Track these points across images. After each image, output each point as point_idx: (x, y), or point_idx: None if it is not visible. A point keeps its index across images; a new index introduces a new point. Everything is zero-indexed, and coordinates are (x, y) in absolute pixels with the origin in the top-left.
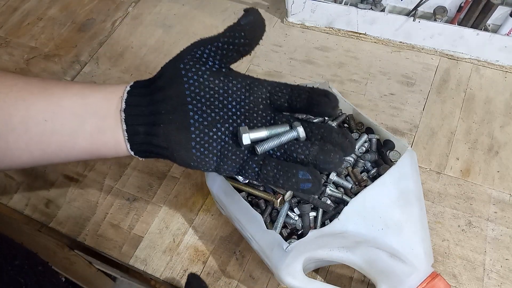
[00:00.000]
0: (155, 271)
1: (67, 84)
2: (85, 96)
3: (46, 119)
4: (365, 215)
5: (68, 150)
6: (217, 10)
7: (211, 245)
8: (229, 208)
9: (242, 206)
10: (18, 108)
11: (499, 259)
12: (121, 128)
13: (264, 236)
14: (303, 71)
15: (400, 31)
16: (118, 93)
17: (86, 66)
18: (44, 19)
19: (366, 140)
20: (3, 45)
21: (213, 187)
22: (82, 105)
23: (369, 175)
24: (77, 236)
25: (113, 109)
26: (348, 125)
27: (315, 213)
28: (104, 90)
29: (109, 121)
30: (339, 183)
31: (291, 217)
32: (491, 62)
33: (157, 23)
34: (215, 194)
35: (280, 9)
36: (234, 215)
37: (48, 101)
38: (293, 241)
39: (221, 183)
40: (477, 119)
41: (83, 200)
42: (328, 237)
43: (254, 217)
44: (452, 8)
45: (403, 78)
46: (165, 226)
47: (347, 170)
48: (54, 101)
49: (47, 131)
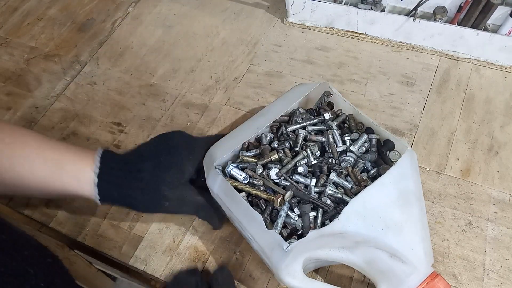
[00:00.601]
0: (155, 271)
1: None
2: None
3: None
4: (365, 215)
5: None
6: (217, 10)
7: (211, 245)
8: (229, 208)
9: (242, 206)
10: None
11: (499, 259)
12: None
13: (264, 236)
14: (303, 71)
15: (400, 31)
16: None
17: (86, 66)
18: (44, 19)
19: (366, 140)
20: (3, 45)
21: (214, 187)
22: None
23: (369, 175)
24: (77, 236)
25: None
26: (348, 125)
27: (315, 213)
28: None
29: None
30: (339, 183)
31: (291, 217)
32: (491, 62)
33: (157, 23)
34: (216, 193)
35: (280, 9)
36: (234, 215)
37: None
38: (293, 241)
39: (222, 183)
40: (477, 119)
41: (83, 200)
42: (328, 237)
43: (254, 217)
44: (452, 8)
45: (403, 78)
46: (165, 226)
47: (347, 170)
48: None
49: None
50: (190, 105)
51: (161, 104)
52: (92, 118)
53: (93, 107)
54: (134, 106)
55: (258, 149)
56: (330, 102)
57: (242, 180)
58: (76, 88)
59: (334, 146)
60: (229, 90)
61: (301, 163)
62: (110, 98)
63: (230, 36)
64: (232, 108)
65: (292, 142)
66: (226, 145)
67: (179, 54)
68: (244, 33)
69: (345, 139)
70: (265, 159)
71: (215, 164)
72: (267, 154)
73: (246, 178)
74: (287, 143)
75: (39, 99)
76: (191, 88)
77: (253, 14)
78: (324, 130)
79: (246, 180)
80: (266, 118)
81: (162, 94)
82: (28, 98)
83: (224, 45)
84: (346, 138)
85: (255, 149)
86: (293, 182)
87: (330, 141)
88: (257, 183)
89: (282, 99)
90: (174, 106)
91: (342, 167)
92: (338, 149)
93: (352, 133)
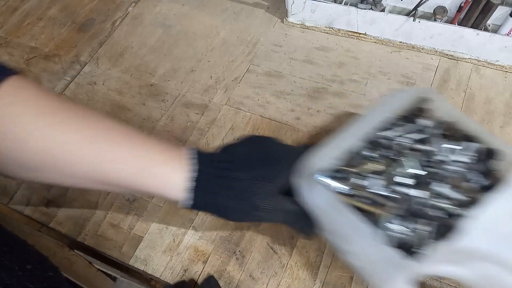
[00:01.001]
0: (155, 271)
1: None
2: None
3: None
4: (490, 230)
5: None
6: (217, 10)
7: (211, 245)
8: (332, 221)
9: (350, 220)
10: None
11: None
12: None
13: (375, 252)
14: (303, 71)
15: (400, 31)
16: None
17: (86, 66)
18: (44, 19)
19: (472, 149)
20: (3, 45)
21: (313, 199)
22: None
23: (480, 186)
24: (77, 236)
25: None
26: (451, 133)
27: (428, 226)
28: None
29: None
30: (448, 195)
31: (403, 232)
32: (491, 62)
33: (157, 23)
34: (315, 206)
35: (280, 9)
36: (338, 230)
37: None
38: (408, 258)
39: (323, 195)
40: (477, 119)
41: (83, 200)
42: (446, 252)
43: (364, 231)
44: (452, 8)
45: (403, 78)
46: (165, 226)
47: (455, 180)
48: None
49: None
50: (190, 105)
51: (161, 104)
52: None
53: (93, 107)
54: (134, 106)
55: (356, 160)
56: (424, 108)
57: (343, 191)
58: (76, 88)
59: (439, 155)
60: (229, 90)
61: (405, 173)
62: (110, 98)
63: (230, 36)
64: (232, 108)
65: (393, 151)
66: (323, 156)
67: (179, 54)
68: (244, 33)
69: (450, 147)
70: (365, 169)
71: (314, 176)
72: (367, 165)
73: (346, 190)
74: (387, 152)
75: None
76: (191, 88)
77: (253, 14)
78: (427, 138)
79: (347, 191)
80: (363, 127)
81: (162, 94)
82: None
83: (224, 45)
84: (451, 147)
85: (353, 160)
86: (400, 193)
87: (435, 150)
88: (359, 194)
89: (377, 109)
90: (174, 106)
91: (449, 177)
92: (443, 158)
93: (457, 141)
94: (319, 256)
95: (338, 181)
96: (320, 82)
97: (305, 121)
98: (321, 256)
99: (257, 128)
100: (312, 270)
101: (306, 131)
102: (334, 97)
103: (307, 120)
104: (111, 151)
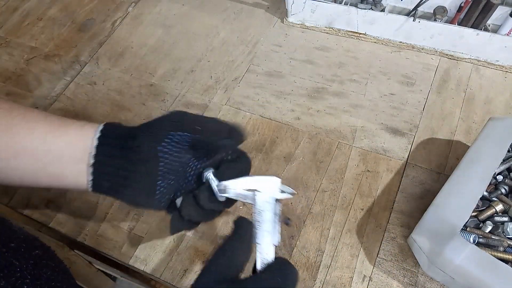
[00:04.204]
0: (155, 271)
1: (31, 125)
2: (48, 143)
3: (8, 157)
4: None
5: (30, 183)
6: (217, 10)
7: (211, 245)
8: (486, 282)
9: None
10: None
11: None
12: (85, 178)
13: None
14: (303, 71)
15: (400, 31)
16: (84, 141)
17: (86, 66)
18: (44, 19)
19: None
20: (3, 45)
21: (458, 259)
22: (44, 152)
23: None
24: (77, 236)
25: (77, 157)
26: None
27: None
28: (67, 136)
29: (72, 168)
30: None
31: None
32: (491, 62)
33: (157, 23)
34: (460, 267)
35: (280, 9)
36: None
37: (11, 140)
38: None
39: (473, 253)
40: (477, 119)
41: (83, 200)
42: None
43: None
44: (452, 8)
45: (403, 78)
46: (165, 226)
47: None
48: (17, 141)
49: (9, 167)
50: (190, 105)
51: (161, 104)
52: (92, 118)
53: (93, 107)
54: (134, 106)
55: (483, 204)
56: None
57: (483, 242)
58: (76, 88)
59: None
60: (229, 90)
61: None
62: (110, 98)
63: (230, 36)
64: (232, 108)
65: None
66: (459, 210)
67: (179, 54)
68: (244, 33)
69: None
70: (486, 211)
71: (459, 234)
72: (488, 206)
73: (475, 239)
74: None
75: (39, 99)
76: (191, 88)
77: (253, 14)
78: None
79: (485, 241)
80: (483, 166)
81: (162, 94)
82: (28, 98)
83: (224, 45)
84: None
85: (479, 205)
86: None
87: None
88: (497, 244)
89: (487, 140)
90: (174, 106)
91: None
92: None
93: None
94: (319, 256)
95: (475, 232)
96: (320, 82)
97: (305, 121)
98: (321, 256)
99: (257, 128)
100: (312, 270)
101: (306, 131)
102: (334, 97)
103: (307, 120)
104: (24, 115)
